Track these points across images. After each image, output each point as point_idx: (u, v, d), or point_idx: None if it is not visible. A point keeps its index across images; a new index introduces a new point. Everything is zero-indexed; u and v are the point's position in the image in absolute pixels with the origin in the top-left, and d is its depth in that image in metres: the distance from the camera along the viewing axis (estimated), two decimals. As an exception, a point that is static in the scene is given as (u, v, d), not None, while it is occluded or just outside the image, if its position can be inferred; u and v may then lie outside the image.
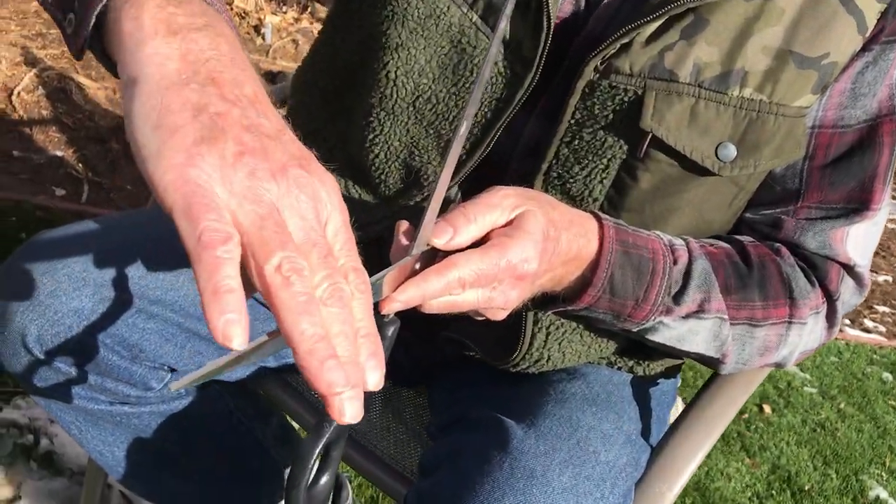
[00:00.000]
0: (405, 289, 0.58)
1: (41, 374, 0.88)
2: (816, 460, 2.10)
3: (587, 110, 0.77)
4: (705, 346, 0.81)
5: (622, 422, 0.85)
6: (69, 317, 0.85)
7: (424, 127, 0.83)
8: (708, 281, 0.78)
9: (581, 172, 0.78)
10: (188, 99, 0.46)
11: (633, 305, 0.75)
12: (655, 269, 0.75)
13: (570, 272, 0.72)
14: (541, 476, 0.73)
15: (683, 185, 0.79)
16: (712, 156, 0.77)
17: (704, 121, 0.76)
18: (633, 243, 0.74)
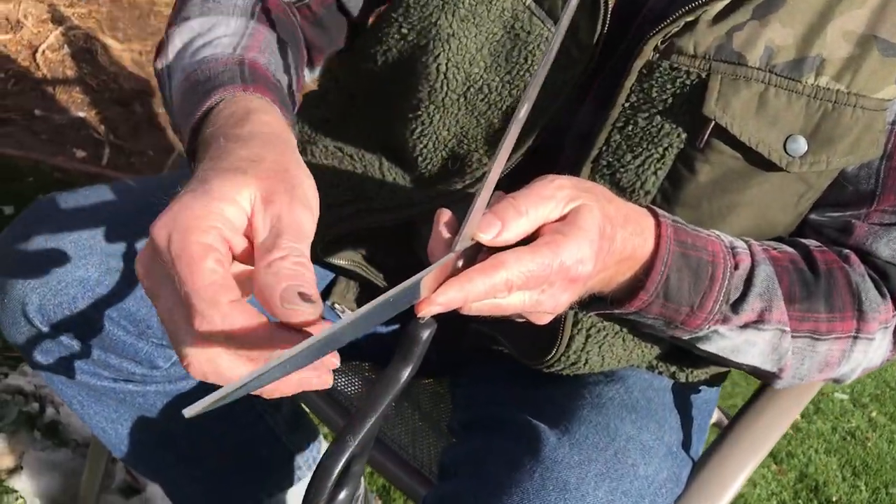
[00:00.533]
0: (446, 290, 0.51)
1: (42, 345, 0.83)
2: (846, 470, 2.02)
3: (643, 93, 0.70)
4: (762, 359, 0.73)
5: (663, 432, 0.78)
6: (73, 287, 0.79)
7: (475, 117, 0.76)
8: (770, 289, 0.70)
9: (633, 161, 0.71)
10: None
11: (688, 312, 0.67)
12: (715, 274, 0.67)
13: (621, 273, 0.64)
14: (574, 489, 0.67)
15: (746, 180, 0.71)
16: (780, 149, 0.69)
17: (774, 110, 0.68)
18: (693, 244, 0.67)
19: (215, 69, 0.65)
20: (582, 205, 0.57)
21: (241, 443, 1.04)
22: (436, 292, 0.51)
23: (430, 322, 0.52)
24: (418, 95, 0.77)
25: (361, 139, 0.85)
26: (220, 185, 0.48)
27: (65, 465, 1.31)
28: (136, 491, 1.32)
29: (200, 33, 0.72)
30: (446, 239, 0.54)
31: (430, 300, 0.50)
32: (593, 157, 0.72)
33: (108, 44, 2.72)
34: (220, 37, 0.71)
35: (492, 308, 0.55)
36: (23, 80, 2.42)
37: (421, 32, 0.76)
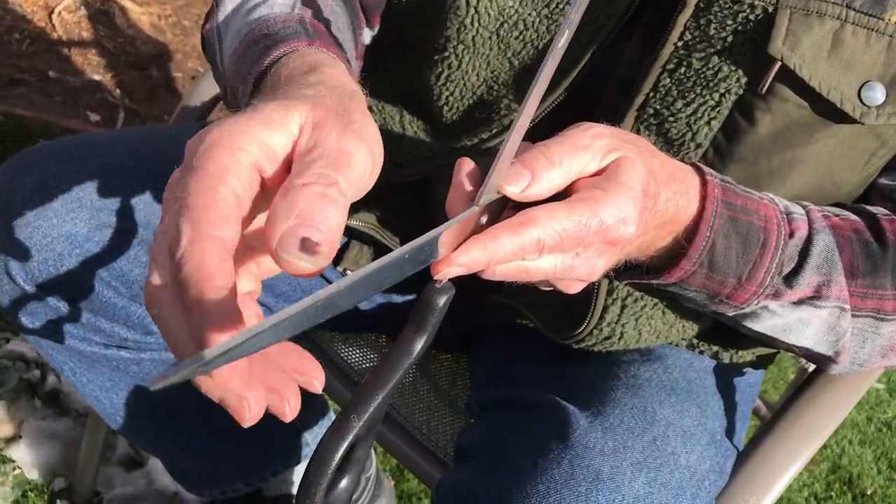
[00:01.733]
0: (468, 248, 0.43)
1: (28, 306, 0.76)
2: (881, 463, 1.93)
3: (700, 30, 0.61)
4: (816, 340, 0.64)
5: (705, 417, 0.70)
6: (59, 243, 0.72)
7: (508, 58, 0.68)
8: (830, 261, 0.61)
9: (685, 110, 0.63)
10: None
11: (735, 285, 0.59)
12: (767, 242, 0.59)
13: (661, 237, 0.56)
14: (608, 479, 0.59)
15: (812, 133, 0.63)
16: (854, 97, 0.60)
17: (850, 52, 0.59)
18: (743, 207, 0.58)
19: (275, 26, 0.58)
20: (623, 157, 0.50)
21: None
22: (456, 251, 0.43)
23: (448, 287, 0.45)
24: (446, 34, 0.69)
25: (382, 90, 0.77)
26: (269, 108, 0.41)
27: (65, 435, 1.25)
28: (138, 464, 1.26)
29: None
30: (468, 191, 0.46)
31: (449, 260, 0.43)
32: (639, 105, 0.64)
33: (126, 6, 2.66)
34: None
35: (518, 272, 0.47)
36: (38, 40, 2.36)
37: None
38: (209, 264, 0.36)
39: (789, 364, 2.08)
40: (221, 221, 0.37)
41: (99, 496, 1.21)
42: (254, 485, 1.04)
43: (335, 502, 0.46)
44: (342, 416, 0.45)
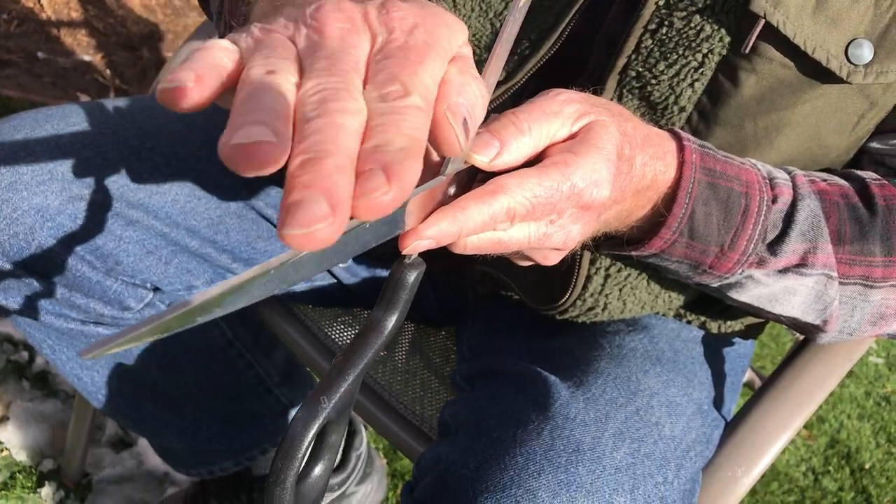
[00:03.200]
0: (436, 220, 0.41)
1: (1, 282, 0.74)
2: (880, 437, 1.92)
3: None
4: (803, 310, 0.62)
5: (692, 388, 0.69)
6: (30, 215, 0.71)
7: (490, 19, 0.66)
8: (816, 227, 0.59)
9: (667, 71, 0.61)
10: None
11: (717, 253, 0.57)
12: (749, 208, 0.57)
13: (639, 206, 0.54)
14: (589, 450, 0.58)
15: (799, 94, 0.60)
16: (841, 55, 0.58)
17: (835, 8, 0.57)
18: (723, 172, 0.56)
19: None
20: (595, 121, 0.48)
21: (228, 393, 0.96)
22: (423, 223, 0.41)
23: (419, 262, 0.43)
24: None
25: None
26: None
27: (53, 417, 1.24)
28: (127, 444, 1.25)
29: None
30: (435, 162, 0.44)
31: (417, 232, 0.41)
32: (621, 67, 0.62)
33: (116, -14, 2.62)
34: None
35: (492, 244, 0.45)
36: (27, 21, 2.33)
37: None
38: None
39: (788, 339, 2.07)
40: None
41: (88, 477, 1.20)
42: (242, 464, 1.03)
43: (308, 492, 0.44)
44: (311, 398, 0.43)
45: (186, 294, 0.82)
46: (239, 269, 0.82)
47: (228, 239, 0.80)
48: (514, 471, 0.56)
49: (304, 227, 0.30)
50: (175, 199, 0.77)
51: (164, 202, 0.76)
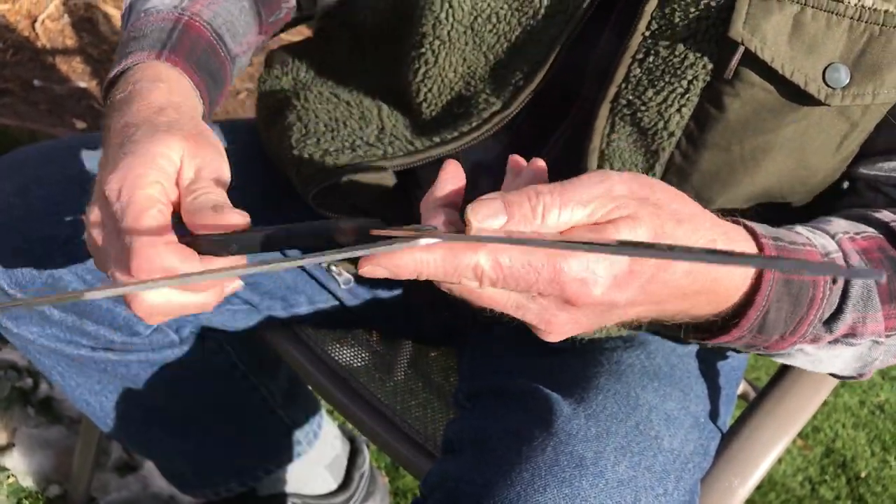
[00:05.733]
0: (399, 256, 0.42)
1: (13, 310, 0.76)
2: (875, 445, 1.94)
3: (665, 18, 0.62)
4: (842, 367, 0.63)
5: (688, 401, 0.71)
6: (41, 245, 0.73)
7: (483, 52, 0.68)
8: (867, 296, 0.58)
9: (655, 98, 0.63)
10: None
11: (778, 339, 0.57)
12: (814, 297, 0.56)
13: (698, 306, 0.52)
14: (592, 465, 0.60)
15: (780, 117, 0.63)
16: (818, 78, 0.61)
17: (811, 34, 0.60)
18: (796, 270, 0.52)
19: (147, 27, 0.66)
20: (629, 215, 0.46)
21: (233, 416, 0.98)
22: (387, 255, 0.43)
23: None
24: (422, 30, 0.69)
25: (362, 86, 0.77)
26: (154, 145, 0.52)
27: (58, 443, 1.25)
28: (132, 468, 1.27)
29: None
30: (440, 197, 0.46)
31: (376, 260, 0.43)
32: (612, 96, 0.64)
33: (109, 12, 2.65)
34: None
35: (466, 294, 0.46)
36: (22, 50, 2.36)
37: None
38: (170, 261, 0.48)
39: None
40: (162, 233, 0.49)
41: (94, 502, 1.21)
42: (247, 484, 1.05)
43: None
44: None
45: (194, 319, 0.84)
46: (244, 294, 0.84)
47: (235, 268, 0.82)
48: (520, 486, 0.58)
49: None
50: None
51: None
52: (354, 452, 1.19)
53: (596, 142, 0.65)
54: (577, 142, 0.67)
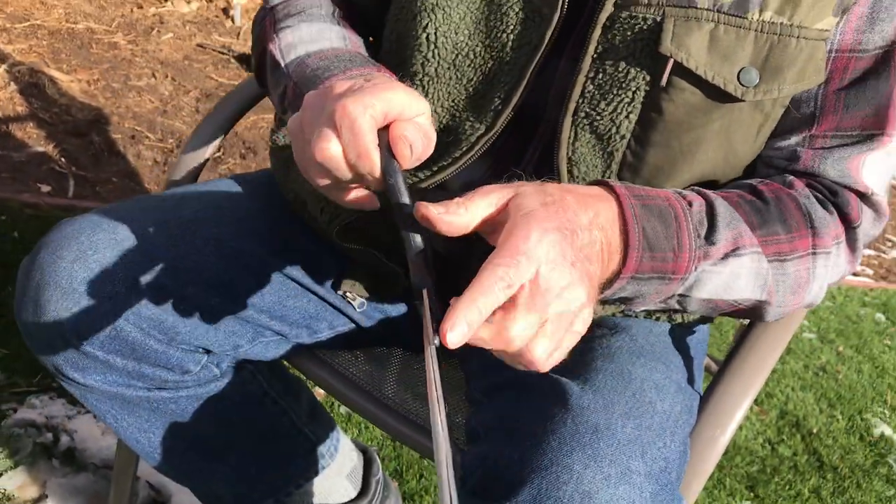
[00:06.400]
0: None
1: (78, 362, 0.86)
2: (822, 403, 2.13)
3: (609, 42, 0.76)
4: (751, 289, 0.77)
5: (670, 371, 0.85)
6: (105, 303, 0.83)
7: (464, 85, 0.82)
8: (734, 218, 0.74)
9: (607, 108, 0.78)
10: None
11: (673, 257, 0.70)
12: (677, 214, 0.71)
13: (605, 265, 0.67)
14: (605, 430, 0.73)
15: (709, 114, 0.78)
16: (735, 80, 0.76)
17: (725, 46, 0.75)
18: (646, 194, 0.70)
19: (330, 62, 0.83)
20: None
21: (266, 438, 1.09)
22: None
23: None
24: (413, 69, 0.83)
25: None
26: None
27: (88, 489, 1.34)
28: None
29: (314, 39, 0.88)
30: None
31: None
32: (572, 110, 0.78)
33: (55, 76, 2.71)
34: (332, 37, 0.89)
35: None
36: (-25, 121, 2.41)
37: (411, 6, 0.83)
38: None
39: (729, 328, 2.27)
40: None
41: (128, 539, 1.30)
42: (281, 501, 1.15)
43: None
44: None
45: (234, 353, 0.95)
46: (275, 326, 0.95)
47: (263, 301, 0.94)
48: (550, 454, 0.71)
49: None
50: (217, 272, 0.90)
51: (209, 276, 0.89)
52: (368, 462, 1.30)
53: (564, 151, 0.80)
54: (548, 153, 0.82)
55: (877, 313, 2.69)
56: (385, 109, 0.64)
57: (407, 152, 0.64)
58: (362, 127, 0.62)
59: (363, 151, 0.63)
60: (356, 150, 0.63)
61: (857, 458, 1.96)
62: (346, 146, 0.63)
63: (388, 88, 0.65)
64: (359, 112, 0.62)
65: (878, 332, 2.57)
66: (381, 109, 0.63)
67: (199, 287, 0.89)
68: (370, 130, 0.63)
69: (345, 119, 0.62)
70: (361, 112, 0.62)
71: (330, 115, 0.64)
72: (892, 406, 2.20)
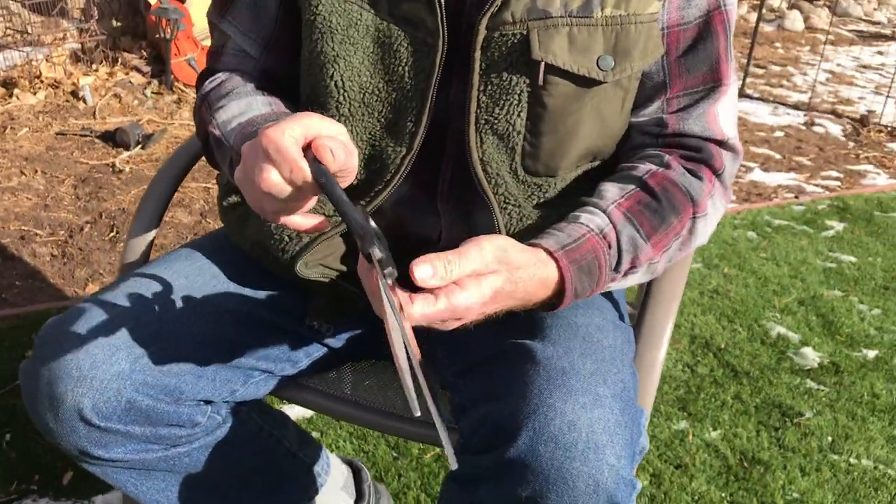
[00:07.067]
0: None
1: (101, 440, 0.95)
2: (722, 321, 2.38)
3: (489, 59, 0.92)
4: (640, 280, 0.97)
5: (605, 314, 1.02)
6: (114, 381, 0.93)
7: (376, 118, 0.96)
8: (634, 244, 0.92)
9: (501, 112, 0.94)
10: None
11: (591, 291, 0.90)
12: (601, 264, 0.90)
13: (537, 296, 0.86)
14: (570, 370, 0.88)
15: (581, 99, 0.95)
16: (595, 68, 0.93)
17: (581, 42, 0.92)
18: (582, 256, 0.88)
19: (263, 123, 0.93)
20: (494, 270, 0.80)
21: (268, 468, 1.19)
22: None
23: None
24: (329, 112, 0.97)
25: None
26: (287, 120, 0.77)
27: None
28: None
29: (243, 112, 0.99)
30: None
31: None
32: (473, 121, 0.94)
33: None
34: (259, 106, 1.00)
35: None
36: None
37: (315, 61, 0.97)
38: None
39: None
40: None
41: None
42: (288, 523, 1.26)
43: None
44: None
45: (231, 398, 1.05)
46: (262, 365, 1.07)
47: (247, 346, 1.05)
48: (534, 400, 0.86)
49: None
50: (203, 331, 1.01)
51: (196, 337, 1.00)
52: (357, 470, 1.42)
53: (475, 155, 0.95)
54: (461, 161, 0.97)
55: (748, 232, 2.99)
56: (304, 131, 0.75)
57: (329, 157, 0.74)
58: (285, 144, 0.74)
59: (293, 164, 0.74)
60: (287, 165, 0.74)
61: (763, 359, 2.22)
62: (278, 166, 0.74)
63: (303, 115, 0.77)
64: (279, 135, 0.74)
65: (753, 248, 2.87)
66: (300, 131, 0.75)
67: (190, 348, 0.99)
68: (293, 146, 0.74)
69: (270, 144, 0.74)
70: (281, 134, 0.74)
71: (259, 148, 0.75)
72: (780, 308, 2.48)
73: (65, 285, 2.40)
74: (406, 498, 1.63)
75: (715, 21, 0.99)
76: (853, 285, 2.68)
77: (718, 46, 0.99)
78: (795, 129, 4.39)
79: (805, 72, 5.52)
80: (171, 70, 3.79)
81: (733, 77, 1.02)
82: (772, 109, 4.67)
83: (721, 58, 1.00)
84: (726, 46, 1.00)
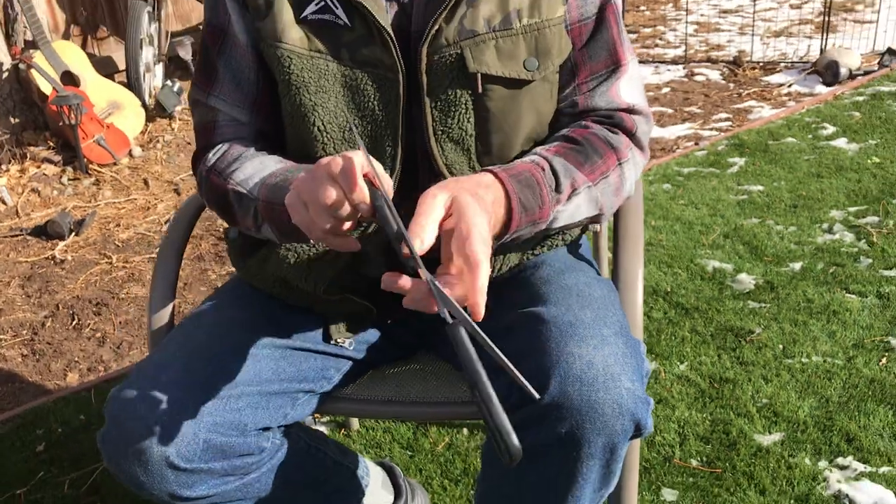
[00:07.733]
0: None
1: (187, 481, 1.07)
2: (662, 268, 2.60)
3: (434, 79, 1.09)
4: (589, 209, 1.12)
5: (586, 272, 1.20)
6: (190, 427, 1.05)
7: (356, 147, 1.11)
8: (567, 168, 1.09)
9: (453, 122, 1.11)
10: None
11: (539, 210, 1.04)
12: (538, 180, 1.05)
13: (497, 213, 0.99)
14: (576, 322, 1.05)
15: (517, 98, 1.12)
16: (523, 70, 1.11)
17: (508, 50, 1.10)
18: (517, 172, 1.03)
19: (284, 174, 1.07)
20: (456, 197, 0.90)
21: (321, 480, 1.32)
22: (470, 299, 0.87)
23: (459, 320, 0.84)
24: (317, 155, 1.12)
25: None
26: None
27: None
28: None
29: (259, 170, 1.11)
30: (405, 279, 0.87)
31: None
32: (432, 133, 1.10)
33: None
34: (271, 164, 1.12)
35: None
36: None
37: (297, 112, 1.12)
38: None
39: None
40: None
41: None
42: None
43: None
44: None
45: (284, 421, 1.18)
46: (304, 387, 1.20)
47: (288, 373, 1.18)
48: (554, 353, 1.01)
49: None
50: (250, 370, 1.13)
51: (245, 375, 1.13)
52: (389, 470, 1.56)
53: (440, 162, 1.12)
54: (430, 169, 1.13)
55: (663, 185, 3.24)
56: (362, 161, 0.88)
57: (381, 184, 0.88)
58: (354, 169, 0.86)
59: (357, 186, 0.86)
60: (349, 185, 0.86)
61: (707, 293, 2.45)
62: (344, 186, 0.86)
63: (353, 153, 0.89)
64: (347, 160, 0.87)
65: (671, 197, 3.11)
66: (359, 161, 0.87)
67: (243, 385, 1.12)
68: (359, 172, 0.86)
69: (339, 167, 0.86)
70: (350, 161, 0.87)
71: (327, 171, 0.87)
72: (709, 245, 2.72)
73: (44, 380, 2.45)
74: (432, 485, 1.78)
75: (607, 12, 1.17)
76: (766, 210, 2.95)
77: (613, 34, 1.18)
78: (679, 82, 4.70)
79: (674, 28, 5.88)
80: (82, 154, 3.82)
81: (629, 56, 1.21)
82: (653, 69, 4.97)
83: (616, 42, 1.18)
84: (619, 32, 1.19)
